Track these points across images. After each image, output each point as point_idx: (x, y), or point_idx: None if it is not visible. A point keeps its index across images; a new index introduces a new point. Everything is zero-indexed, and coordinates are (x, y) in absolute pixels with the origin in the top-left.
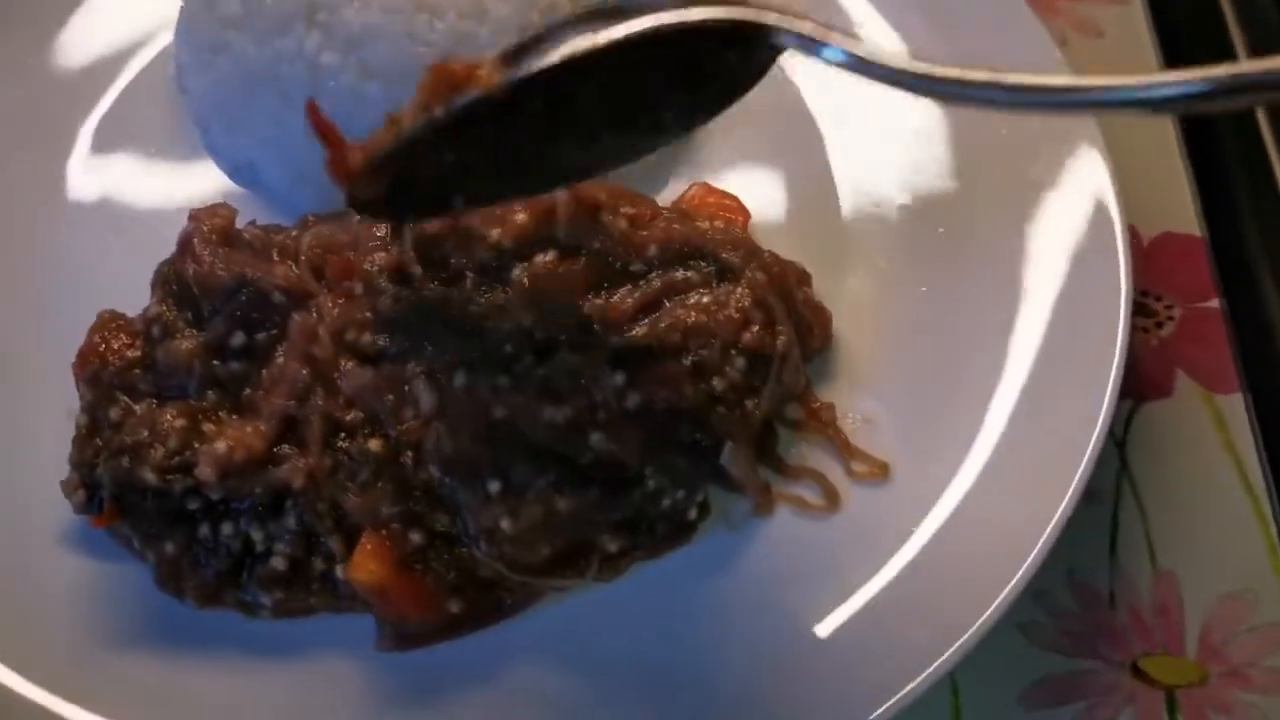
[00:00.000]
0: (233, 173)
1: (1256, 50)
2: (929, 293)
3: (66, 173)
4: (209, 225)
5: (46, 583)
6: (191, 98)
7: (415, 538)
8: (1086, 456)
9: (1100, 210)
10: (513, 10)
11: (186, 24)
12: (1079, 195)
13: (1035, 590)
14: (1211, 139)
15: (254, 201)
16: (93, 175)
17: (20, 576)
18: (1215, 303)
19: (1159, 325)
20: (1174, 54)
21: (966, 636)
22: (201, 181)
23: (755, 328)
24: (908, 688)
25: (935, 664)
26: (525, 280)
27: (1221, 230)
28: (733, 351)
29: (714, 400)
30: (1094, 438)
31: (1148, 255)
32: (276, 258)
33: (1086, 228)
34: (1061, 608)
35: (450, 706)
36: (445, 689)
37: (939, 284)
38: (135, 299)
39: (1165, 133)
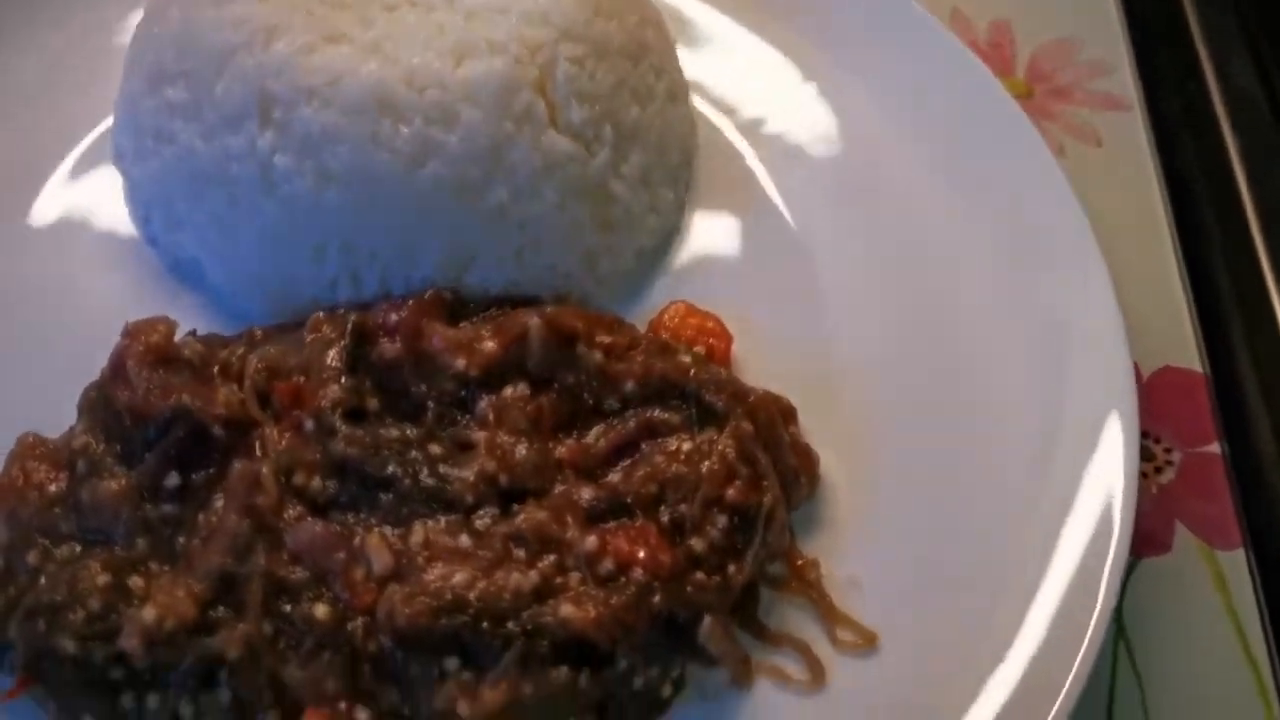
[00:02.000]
0: (173, 267)
1: (1251, 159)
2: (921, 426)
3: None
4: (144, 344)
5: None
6: (131, 185)
7: (362, 717)
8: (1084, 648)
9: (1109, 363)
10: (484, 117)
11: (128, 104)
12: (1086, 338)
13: None
14: (1211, 271)
15: (194, 297)
16: (23, 261)
17: None
18: (1216, 447)
19: (1158, 470)
20: (1172, 163)
21: None
22: (138, 279)
23: (739, 483)
24: None
25: None
26: (491, 416)
27: (1222, 368)
28: (714, 509)
29: (693, 563)
30: (1092, 625)
31: (1148, 391)
32: (218, 378)
33: (1093, 375)
34: None
35: None
36: None
37: (932, 417)
38: (59, 406)
39: (1166, 261)
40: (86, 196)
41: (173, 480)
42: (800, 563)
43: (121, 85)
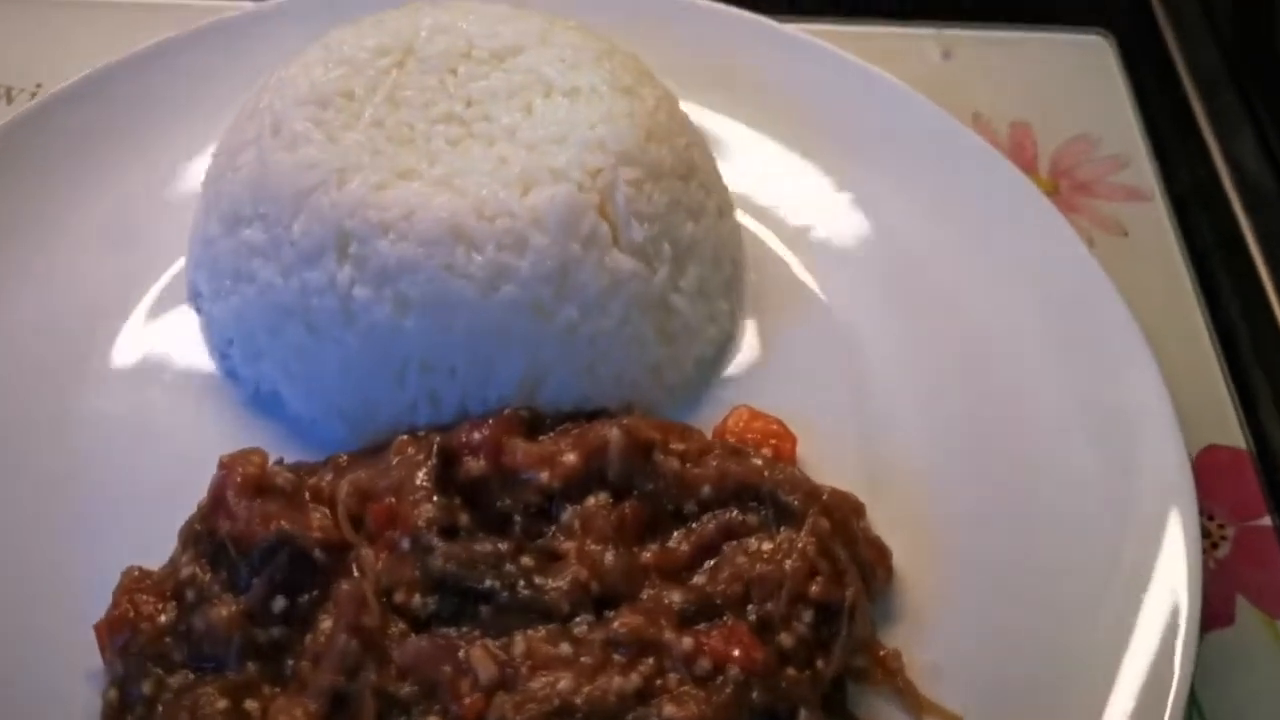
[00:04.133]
0: (253, 399)
1: (1268, 242)
2: (985, 515)
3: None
4: (241, 475)
5: None
6: (210, 321)
7: None
8: None
9: (1164, 449)
10: (552, 241)
11: (204, 246)
12: (1140, 425)
13: None
14: (1242, 350)
15: (276, 427)
16: (106, 400)
17: None
18: (1267, 519)
19: (1214, 546)
20: (1198, 250)
21: None
22: (219, 411)
23: (821, 578)
24: None
25: None
26: (577, 525)
27: (1265, 442)
28: (800, 605)
29: (783, 658)
30: (1170, 705)
31: (1196, 470)
32: (310, 504)
33: (1149, 460)
34: None
35: None
36: None
37: (995, 508)
38: (151, 538)
39: (1201, 342)
40: (161, 336)
41: (279, 604)
42: (883, 654)
43: (195, 227)
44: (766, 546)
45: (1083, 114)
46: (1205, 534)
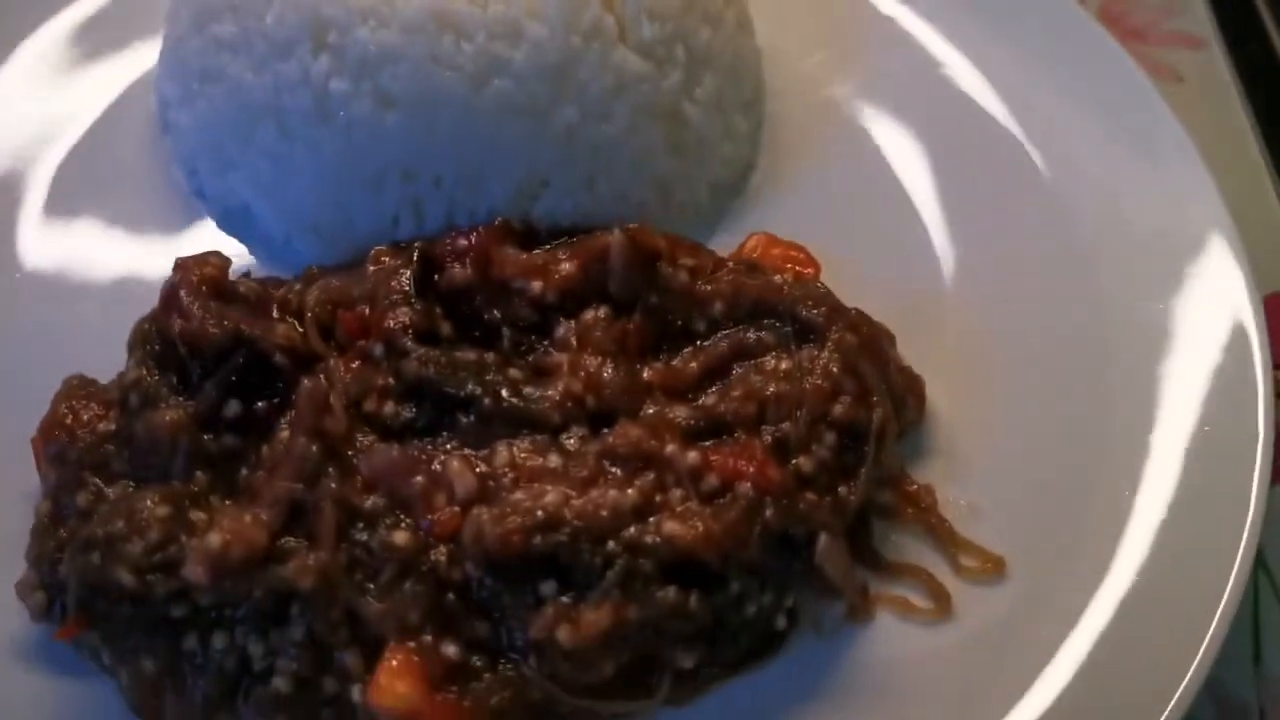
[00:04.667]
0: (223, 218)
1: None
2: (1029, 349)
3: (22, 223)
4: (198, 275)
5: None
6: (177, 134)
7: (450, 651)
8: (1232, 580)
9: (1229, 280)
10: (550, 32)
11: (173, 49)
12: (1201, 257)
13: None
14: None
15: (247, 254)
16: (58, 225)
17: None
18: None
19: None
20: (1259, 98)
21: None
22: (184, 231)
23: (846, 398)
24: None
25: None
26: (573, 340)
27: None
28: (821, 426)
29: (802, 483)
30: (1239, 558)
31: None
32: (277, 315)
33: (1214, 293)
34: None
35: None
36: None
37: (1041, 341)
38: (108, 364)
39: (1263, 189)
40: (131, 154)
41: (234, 409)
42: (912, 488)
43: (165, 33)
44: (784, 365)
45: None
46: None
